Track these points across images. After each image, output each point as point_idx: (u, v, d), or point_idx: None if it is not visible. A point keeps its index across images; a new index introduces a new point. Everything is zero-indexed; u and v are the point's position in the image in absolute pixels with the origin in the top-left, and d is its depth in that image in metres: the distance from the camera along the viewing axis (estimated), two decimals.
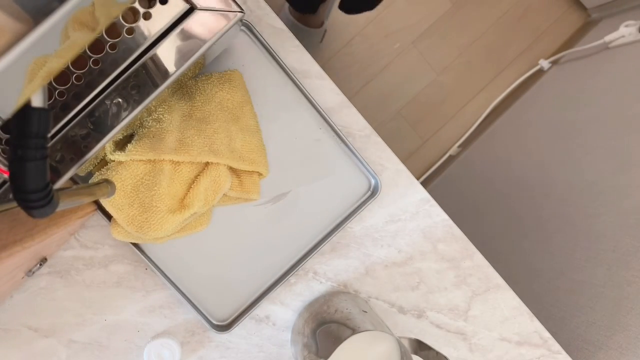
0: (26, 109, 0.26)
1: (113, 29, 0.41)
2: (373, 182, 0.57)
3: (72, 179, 0.47)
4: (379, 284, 0.58)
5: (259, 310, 0.57)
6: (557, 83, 1.29)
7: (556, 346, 0.60)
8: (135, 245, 0.54)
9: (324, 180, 0.57)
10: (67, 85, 0.41)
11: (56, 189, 0.31)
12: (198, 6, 0.43)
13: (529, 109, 1.29)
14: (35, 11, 0.20)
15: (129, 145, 0.48)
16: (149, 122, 0.49)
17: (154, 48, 0.43)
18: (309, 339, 0.51)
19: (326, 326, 0.50)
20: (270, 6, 0.54)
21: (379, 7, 1.35)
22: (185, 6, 0.42)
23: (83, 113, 0.42)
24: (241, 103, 0.53)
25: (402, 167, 0.58)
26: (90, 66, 0.41)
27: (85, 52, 0.41)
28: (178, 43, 0.43)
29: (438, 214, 0.58)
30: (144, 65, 0.43)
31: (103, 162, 0.50)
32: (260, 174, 0.54)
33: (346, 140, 0.55)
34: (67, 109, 0.42)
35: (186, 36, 0.43)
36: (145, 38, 0.42)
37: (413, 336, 0.51)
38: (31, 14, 0.20)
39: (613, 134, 0.91)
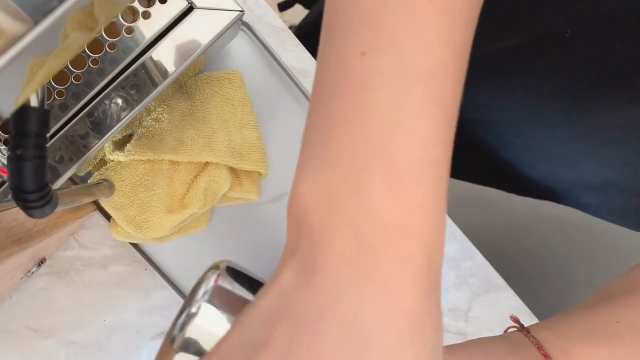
0: (25, 109, 0.26)
1: (112, 28, 0.41)
2: None
3: (71, 179, 0.47)
4: None
5: None
6: None
7: None
8: (135, 245, 0.53)
9: None
10: (66, 85, 0.41)
11: (55, 189, 0.31)
12: (197, 5, 0.43)
13: None
14: (34, 11, 0.20)
15: (128, 145, 0.48)
16: (148, 122, 0.49)
17: (154, 47, 0.42)
18: None
19: None
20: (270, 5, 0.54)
21: None
22: (184, 5, 0.42)
23: (82, 113, 0.42)
24: (241, 103, 0.53)
25: None
26: (89, 65, 0.41)
27: (84, 51, 0.41)
28: (177, 42, 0.43)
29: None
30: (143, 65, 0.43)
31: (102, 162, 0.50)
32: (260, 174, 0.54)
33: None
34: (66, 108, 0.42)
35: (186, 35, 0.43)
36: (144, 37, 0.42)
37: None
38: (30, 13, 0.20)
39: None
